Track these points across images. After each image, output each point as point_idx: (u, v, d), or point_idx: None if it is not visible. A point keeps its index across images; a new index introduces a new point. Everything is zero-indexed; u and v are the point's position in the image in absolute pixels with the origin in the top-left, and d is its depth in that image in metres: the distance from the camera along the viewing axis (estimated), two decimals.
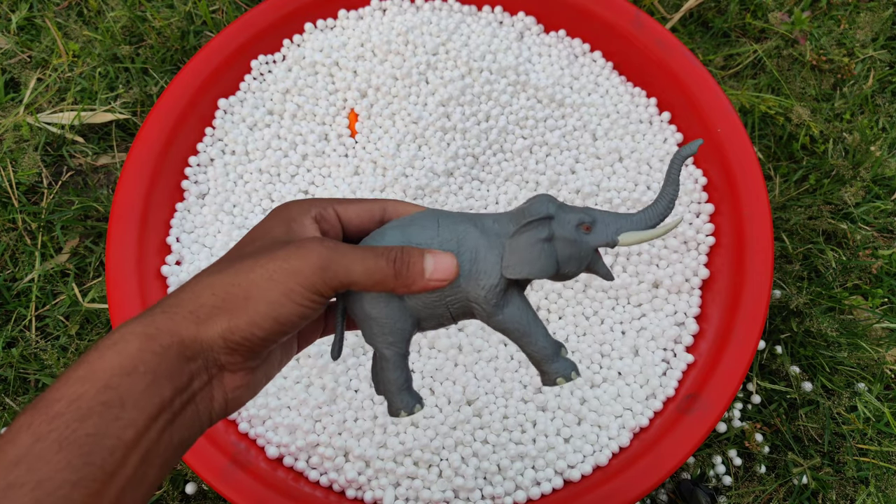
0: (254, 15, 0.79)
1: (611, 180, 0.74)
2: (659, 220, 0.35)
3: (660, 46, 0.76)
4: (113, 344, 0.29)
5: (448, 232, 0.35)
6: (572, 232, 0.35)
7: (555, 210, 0.35)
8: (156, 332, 0.30)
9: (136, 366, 0.29)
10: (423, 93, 0.77)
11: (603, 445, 0.65)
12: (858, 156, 0.84)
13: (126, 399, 0.28)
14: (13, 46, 0.90)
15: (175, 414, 0.30)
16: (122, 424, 0.27)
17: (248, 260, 0.32)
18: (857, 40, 0.92)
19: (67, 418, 0.27)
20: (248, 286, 0.31)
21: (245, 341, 0.31)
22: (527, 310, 0.35)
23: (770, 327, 0.76)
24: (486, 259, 0.35)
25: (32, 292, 0.77)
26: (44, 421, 0.27)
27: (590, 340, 0.69)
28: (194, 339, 0.30)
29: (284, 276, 0.31)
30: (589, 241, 0.35)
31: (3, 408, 0.73)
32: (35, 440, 0.26)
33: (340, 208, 0.37)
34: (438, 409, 0.65)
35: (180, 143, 0.74)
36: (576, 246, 0.35)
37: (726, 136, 0.72)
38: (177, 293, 0.32)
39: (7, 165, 0.82)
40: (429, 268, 0.33)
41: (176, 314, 0.31)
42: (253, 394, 0.34)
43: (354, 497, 0.63)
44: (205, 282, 0.32)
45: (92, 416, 0.27)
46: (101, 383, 0.28)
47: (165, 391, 0.29)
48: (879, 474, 0.71)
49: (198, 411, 0.31)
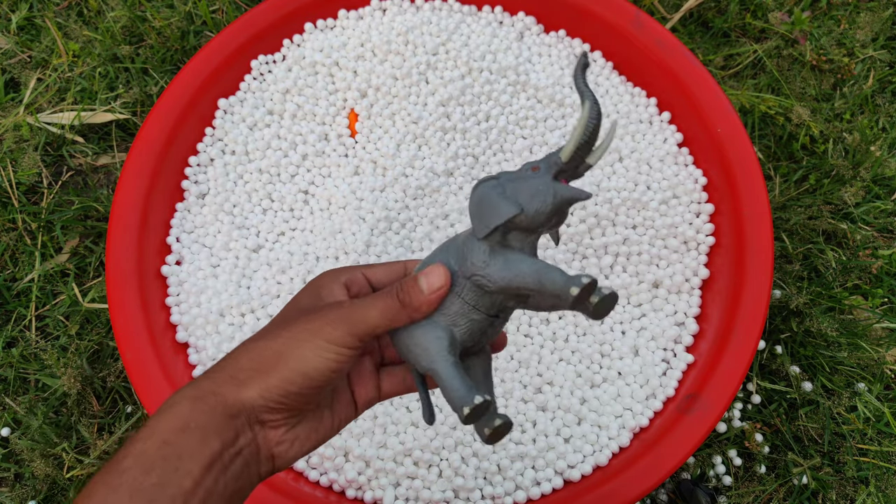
0: (254, 15, 0.79)
1: (611, 180, 0.74)
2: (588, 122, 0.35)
3: (660, 46, 0.76)
4: (169, 407, 0.34)
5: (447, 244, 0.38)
6: (524, 174, 0.36)
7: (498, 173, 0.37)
8: (202, 394, 0.34)
9: (188, 423, 0.33)
10: (423, 93, 0.77)
11: (603, 445, 0.64)
12: (858, 156, 0.84)
13: (182, 452, 0.32)
14: (13, 46, 0.90)
15: (226, 465, 0.34)
16: (180, 475, 0.32)
17: (279, 327, 0.36)
18: (857, 40, 0.92)
19: (135, 472, 0.31)
20: (278, 348, 0.35)
21: (281, 398, 0.35)
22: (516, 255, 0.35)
23: (770, 327, 0.76)
24: (465, 244, 0.37)
25: (32, 292, 0.77)
26: (115, 475, 0.31)
27: (590, 340, 0.69)
28: (236, 399, 0.35)
29: (309, 335, 0.35)
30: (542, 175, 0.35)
31: (3, 408, 0.73)
32: (109, 492, 0.31)
33: (369, 272, 0.41)
34: (439, 409, 0.65)
35: (180, 143, 0.74)
36: (527, 182, 0.35)
37: (726, 136, 0.72)
38: (221, 362, 0.37)
39: (7, 165, 0.82)
40: (423, 285, 0.37)
41: (218, 378, 0.35)
42: (300, 450, 0.37)
43: (354, 497, 0.63)
44: (242, 349, 0.36)
45: (155, 469, 0.32)
46: (160, 440, 0.32)
47: (215, 444, 0.33)
48: (879, 474, 0.71)
49: (247, 463, 0.35)
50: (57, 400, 0.73)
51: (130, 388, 0.73)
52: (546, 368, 0.67)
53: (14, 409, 0.72)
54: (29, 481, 0.70)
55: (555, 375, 0.67)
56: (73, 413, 0.72)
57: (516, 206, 0.34)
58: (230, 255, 0.72)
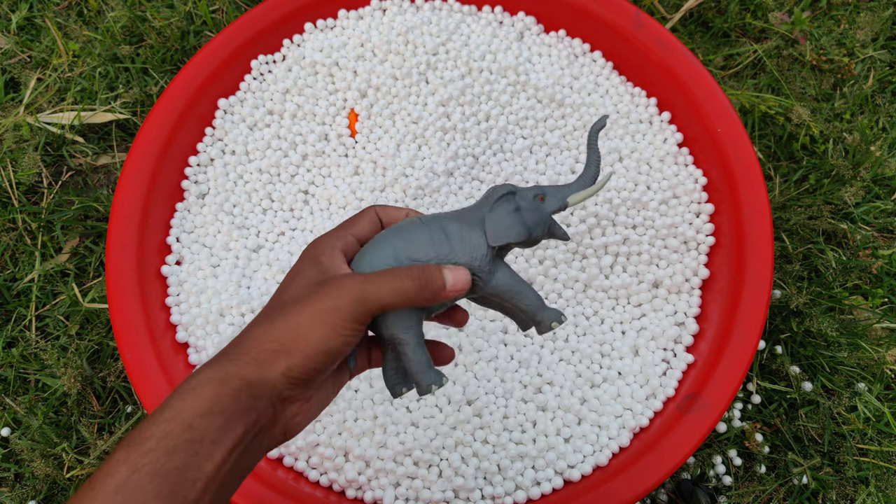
0: (254, 15, 0.79)
1: (611, 180, 0.74)
2: (593, 180, 0.43)
3: (660, 46, 0.76)
4: (191, 389, 0.34)
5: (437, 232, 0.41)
6: (532, 202, 0.42)
7: (515, 188, 0.42)
8: (226, 377, 0.35)
9: (212, 408, 0.33)
10: (423, 93, 0.77)
11: (603, 445, 0.64)
12: (858, 156, 0.84)
13: (205, 437, 0.33)
14: (13, 46, 0.90)
15: (247, 447, 0.35)
16: (202, 458, 0.32)
17: (294, 305, 0.37)
18: (857, 40, 0.92)
19: (157, 454, 0.32)
20: (297, 329, 0.36)
21: (304, 374, 0.36)
22: (513, 273, 0.42)
23: (770, 327, 0.76)
24: (472, 236, 0.41)
25: (32, 292, 0.77)
26: (137, 456, 0.32)
27: (590, 340, 0.69)
28: (260, 380, 0.35)
29: (327, 315, 0.36)
30: (546, 208, 0.42)
31: (3, 408, 0.73)
32: (131, 472, 0.31)
33: (354, 230, 0.42)
34: (438, 409, 0.65)
35: (180, 143, 0.74)
36: (538, 213, 0.42)
37: (726, 136, 0.72)
38: (238, 342, 0.37)
39: (7, 165, 0.82)
40: (448, 281, 0.39)
41: (240, 360, 0.35)
42: (309, 420, 0.39)
43: (354, 497, 0.63)
44: (260, 329, 0.37)
45: (178, 452, 0.32)
46: (184, 423, 0.33)
47: (238, 428, 0.34)
48: (879, 474, 0.71)
49: (262, 440, 0.36)
50: (57, 400, 0.73)
51: (130, 388, 0.73)
52: (546, 368, 0.67)
53: (14, 409, 0.72)
54: (29, 481, 0.70)
55: (555, 375, 0.67)
56: (73, 413, 0.72)
57: (527, 231, 0.41)
58: (230, 255, 0.72)
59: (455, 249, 0.40)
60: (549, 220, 0.42)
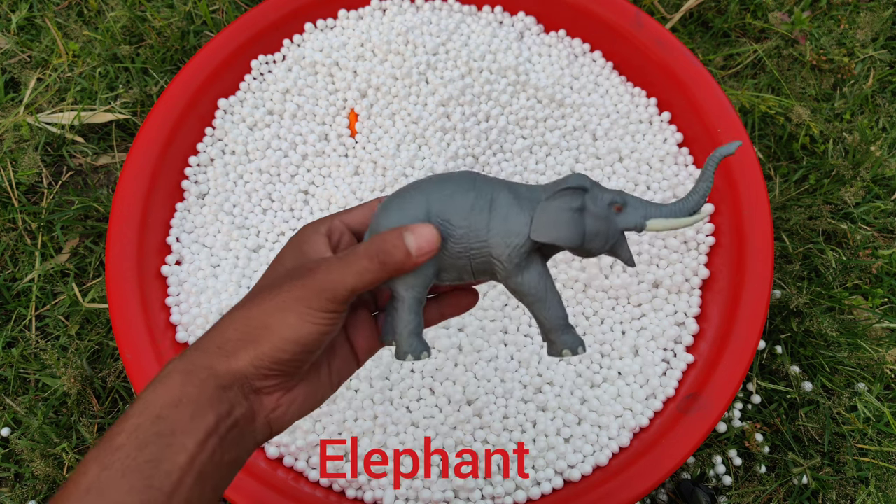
0: (254, 15, 0.79)
1: (611, 180, 0.74)
2: (691, 211, 0.37)
3: (660, 46, 0.76)
4: (160, 381, 0.33)
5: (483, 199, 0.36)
6: (604, 209, 0.36)
7: (590, 185, 0.36)
8: (193, 367, 0.34)
9: (181, 398, 0.32)
10: (423, 93, 0.77)
11: (603, 445, 0.65)
12: (858, 156, 0.84)
13: (176, 428, 0.32)
14: (13, 46, 0.90)
15: (222, 437, 0.33)
16: (175, 450, 0.31)
17: (263, 293, 0.35)
18: (857, 40, 0.92)
19: (128, 448, 0.31)
20: (264, 317, 0.34)
21: (274, 365, 0.34)
22: (546, 277, 0.36)
23: (770, 327, 0.76)
24: (516, 220, 0.35)
25: (32, 292, 0.77)
26: (108, 452, 0.31)
27: (590, 340, 0.69)
28: (227, 370, 0.34)
29: (293, 303, 0.34)
30: (618, 222, 0.36)
31: (3, 408, 0.73)
32: (102, 469, 0.30)
33: (346, 217, 0.40)
34: (438, 409, 0.65)
35: (180, 143, 0.74)
36: (605, 223, 0.36)
37: (726, 136, 0.72)
38: (207, 333, 0.36)
39: (7, 165, 0.82)
40: (412, 246, 0.35)
41: (207, 350, 0.34)
42: (296, 413, 0.37)
43: (354, 497, 0.63)
44: (228, 319, 0.36)
45: (148, 445, 0.31)
46: (153, 415, 0.32)
47: (210, 418, 0.33)
48: (879, 474, 0.71)
49: (242, 433, 0.35)
50: (57, 400, 0.73)
51: (130, 388, 0.73)
52: (546, 368, 0.67)
53: (14, 409, 0.72)
54: (29, 481, 0.70)
55: (555, 375, 0.67)
56: (73, 413, 0.72)
57: (580, 238, 0.36)
58: (230, 255, 0.72)
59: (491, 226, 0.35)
60: (618, 235, 0.36)
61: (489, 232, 0.36)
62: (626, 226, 0.37)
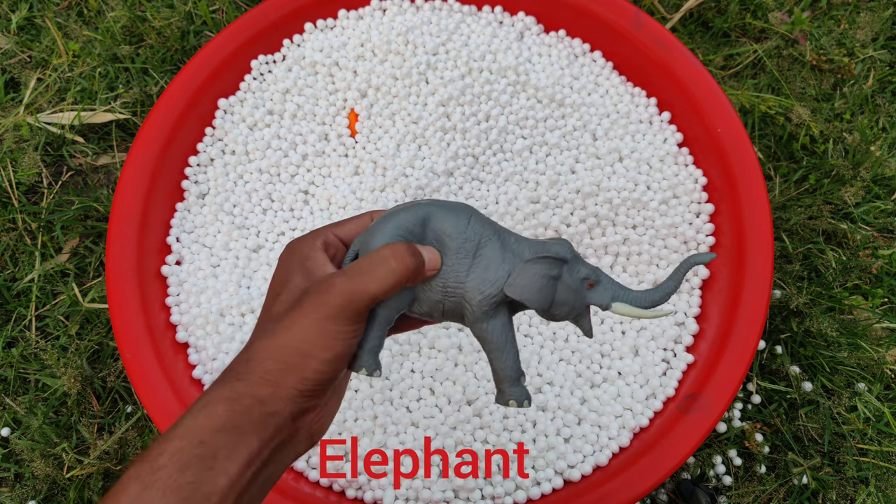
0: (254, 15, 0.79)
1: (611, 180, 0.74)
2: (653, 304, 0.39)
3: (660, 46, 0.76)
4: (202, 407, 0.34)
5: (474, 232, 0.38)
6: (577, 282, 0.38)
7: (571, 257, 0.38)
8: (237, 395, 0.34)
9: (224, 424, 0.33)
10: (423, 93, 0.77)
11: (603, 445, 0.65)
12: (858, 156, 0.84)
13: (218, 452, 0.32)
14: (13, 46, 0.90)
15: (265, 460, 0.34)
16: (215, 473, 0.32)
17: (290, 317, 0.36)
18: (857, 40, 0.92)
19: (170, 469, 0.31)
20: (299, 344, 0.35)
21: (317, 385, 0.36)
22: (509, 329, 0.39)
23: (770, 327, 0.76)
24: (495, 271, 0.38)
25: (32, 292, 0.77)
26: (149, 472, 0.31)
27: (590, 340, 0.69)
28: (272, 397, 0.35)
29: (324, 323, 0.35)
30: (587, 297, 0.39)
31: (3, 408, 0.73)
32: (143, 488, 0.31)
33: (338, 231, 0.41)
34: (438, 409, 0.65)
35: (180, 143, 0.74)
36: (574, 295, 0.38)
37: (726, 136, 0.72)
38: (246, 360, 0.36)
39: (7, 165, 0.82)
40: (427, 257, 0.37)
41: (250, 379, 0.35)
42: (330, 419, 0.39)
43: (354, 497, 0.63)
44: (261, 347, 0.36)
45: (190, 467, 0.32)
46: (196, 439, 0.33)
47: (253, 443, 0.33)
48: (879, 474, 0.71)
49: (284, 452, 0.36)
50: (57, 400, 0.73)
51: (130, 388, 0.73)
52: (546, 368, 0.67)
53: (14, 409, 0.72)
54: (29, 481, 0.70)
55: (555, 375, 0.67)
56: (73, 413, 0.72)
57: (548, 304, 0.38)
58: (230, 255, 0.72)
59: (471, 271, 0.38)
60: (583, 308, 0.39)
61: (468, 276, 0.38)
62: (594, 302, 0.39)
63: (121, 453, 0.70)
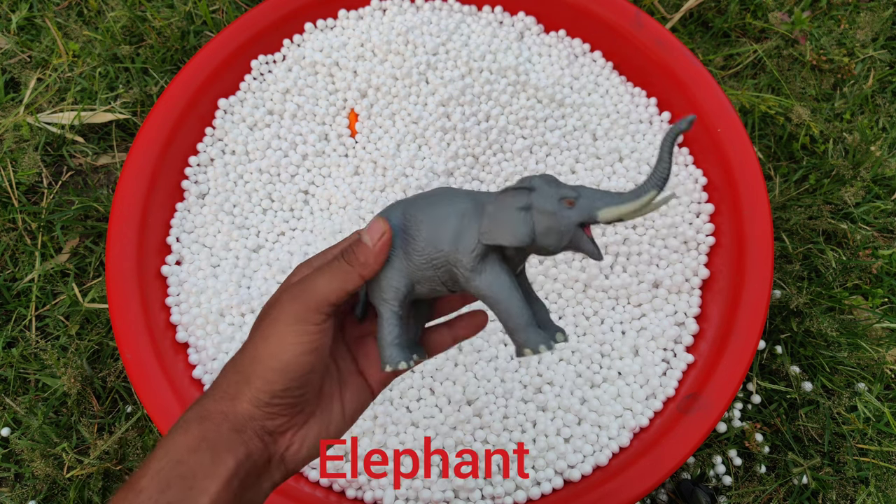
0: (254, 15, 0.79)
1: (611, 180, 0.74)
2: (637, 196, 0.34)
3: (660, 46, 0.76)
4: (178, 428, 0.35)
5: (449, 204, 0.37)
6: (553, 205, 0.35)
7: (539, 183, 0.36)
8: (207, 413, 0.35)
9: (199, 444, 0.34)
10: (423, 93, 0.77)
11: (603, 445, 0.65)
12: (858, 156, 0.84)
13: (197, 471, 0.33)
14: (13, 46, 0.90)
15: (242, 480, 0.34)
16: (196, 492, 0.33)
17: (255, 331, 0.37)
18: (857, 40, 0.92)
19: (150, 491, 0.32)
20: (252, 353, 0.35)
21: (271, 399, 0.35)
22: (503, 278, 0.36)
23: (770, 327, 0.76)
24: (469, 226, 0.36)
25: (32, 292, 0.77)
26: (133, 494, 0.32)
27: (590, 340, 0.69)
28: (234, 412, 0.35)
29: (272, 328, 0.35)
30: (569, 216, 0.35)
31: (3, 408, 0.73)
32: None
33: None
34: (438, 409, 0.65)
35: (180, 143, 0.74)
36: (554, 218, 0.35)
37: (726, 136, 0.72)
38: (217, 378, 0.37)
39: (7, 165, 0.82)
40: (367, 239, 0.36)
41: (215, 396, 0.36)
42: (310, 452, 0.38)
43: (354, 497, 0.63)
44: (230, 363, 0.37)
45: (171, 487, 0.32)
46: (175, 459, 0.33)
47: (229, 462, 0.34)
48: (879, 474, 0.71)
49: (259, 475, 0.36)
50: (57, 400, 0.73)
51: (130, 388, 0.73)
52: (546, 368, 0.67)
53: (14, 409, 0.72)
54: (29, 481, 0.70)
55: (555, 375, 0.67)
56: (73, 413, 0.72)
57: (530, 236, 0.35)
58: (230, 255, 0.72)
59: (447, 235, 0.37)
60: (572, 229, 0.35)
61: (445, 242, 0.37)
62: (578, 218, 0.35)
63: (121, 453, 0.70)
